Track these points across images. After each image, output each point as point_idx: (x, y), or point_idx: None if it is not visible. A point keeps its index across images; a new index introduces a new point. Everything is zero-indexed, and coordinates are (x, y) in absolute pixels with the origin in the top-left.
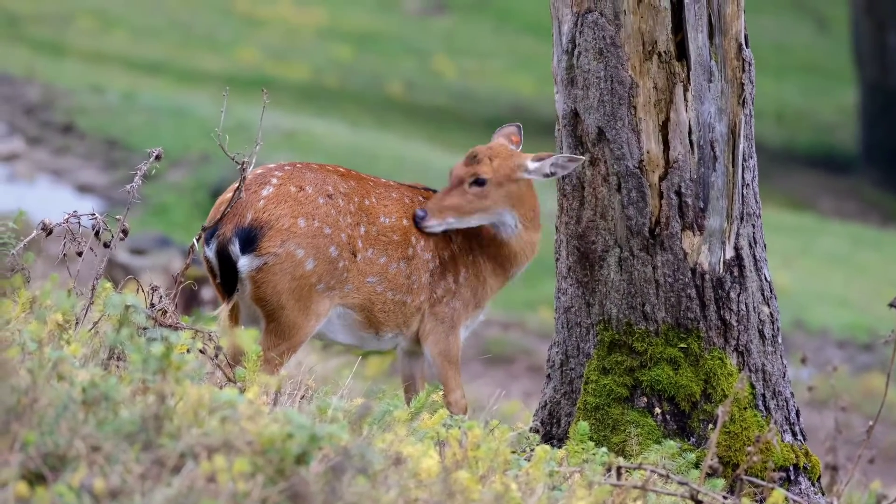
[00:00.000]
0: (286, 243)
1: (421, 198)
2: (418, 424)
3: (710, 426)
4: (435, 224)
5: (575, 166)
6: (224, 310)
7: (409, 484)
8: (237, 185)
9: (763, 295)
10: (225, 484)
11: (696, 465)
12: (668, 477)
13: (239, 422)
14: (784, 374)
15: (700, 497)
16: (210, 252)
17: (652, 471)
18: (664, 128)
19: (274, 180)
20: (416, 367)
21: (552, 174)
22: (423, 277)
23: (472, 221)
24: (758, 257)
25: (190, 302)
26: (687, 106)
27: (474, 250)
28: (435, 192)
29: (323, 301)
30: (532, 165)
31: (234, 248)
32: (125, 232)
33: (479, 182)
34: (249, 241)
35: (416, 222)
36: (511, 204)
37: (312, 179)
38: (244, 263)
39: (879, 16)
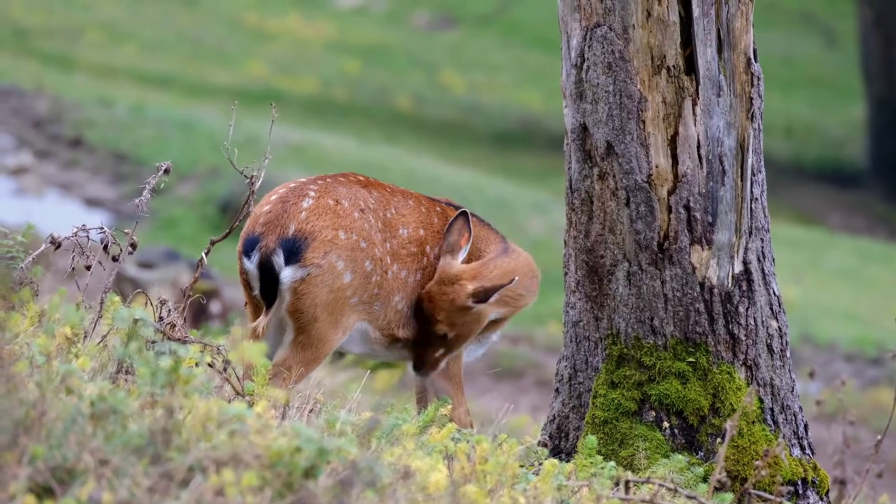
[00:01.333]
0: (329, 255)
1: (438, 209)
2: (427, 438)
3: (719, 440)
4: (434, 373)
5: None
6: (263, 322)
7: (417, 498)
8: (268, 195)
9: (771, 309)
10: (233, 497)
11: (705, 480)
12: (676, 491)
13: (247, 435)
14: (792, 388)
15: None
16: (251, 264)
17: (660, 485)
18: (673, 142)
19: (312, 193)
20: (428, 379)
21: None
22: None
23: (476, 328)
24: (766, 271)
25: (198, 316)
26: (696, 120)
27: None
28: (458, 207)
29: (352, 315)
30: (475, 308)
31: (279, 259)
32: (134, 246)
33: (442, 337)
34: (294, 252)
35: (416, 372)
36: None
37: (346, 194)
38: (287, 275)
39: (888, 31)
